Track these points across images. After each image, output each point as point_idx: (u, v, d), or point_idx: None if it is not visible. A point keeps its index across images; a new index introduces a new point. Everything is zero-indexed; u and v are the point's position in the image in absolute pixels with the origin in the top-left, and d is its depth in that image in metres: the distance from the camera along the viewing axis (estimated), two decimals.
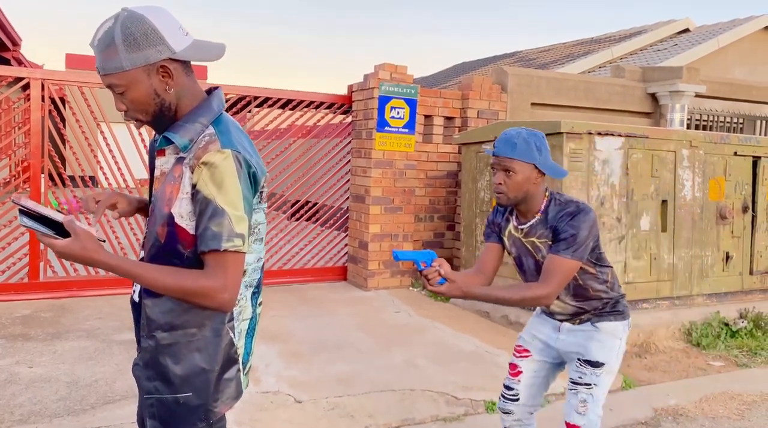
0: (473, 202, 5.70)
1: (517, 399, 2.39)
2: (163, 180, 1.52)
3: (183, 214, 1.46)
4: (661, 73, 7.61)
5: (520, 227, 2.26)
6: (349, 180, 6.59)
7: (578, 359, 2.28)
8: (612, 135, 4.73)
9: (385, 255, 6.25)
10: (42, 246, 5.48)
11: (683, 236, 5.12)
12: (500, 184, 2.16)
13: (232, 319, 1.54)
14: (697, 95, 7.78)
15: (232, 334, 1.55)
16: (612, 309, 2.30)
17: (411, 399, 3.50)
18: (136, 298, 1.57)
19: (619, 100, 7.46)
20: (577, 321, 2.30)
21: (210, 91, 1.59)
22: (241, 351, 1.59)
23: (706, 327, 4.94)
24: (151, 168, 1.62)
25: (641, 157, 4.87)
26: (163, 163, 1.54)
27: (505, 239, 2.33)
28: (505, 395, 2.42)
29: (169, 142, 1.51)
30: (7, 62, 10.81)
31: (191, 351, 1.50)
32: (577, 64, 10.82)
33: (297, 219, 6.75)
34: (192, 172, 1.44)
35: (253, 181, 1.49)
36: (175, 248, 1.48)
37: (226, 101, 6.05)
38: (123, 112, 1.51)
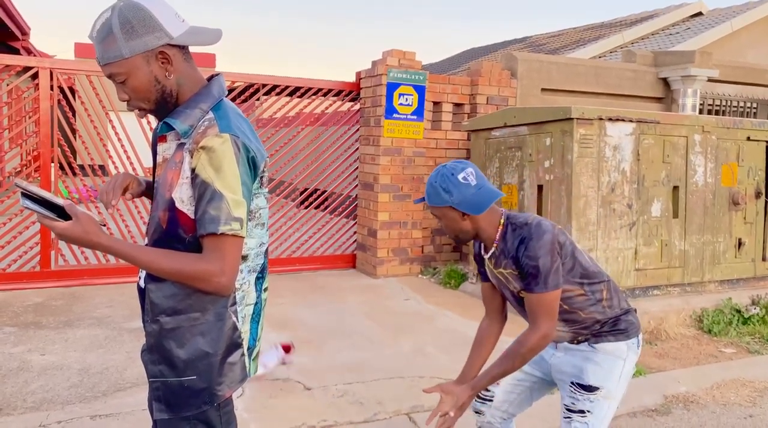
0: None
1: (491, 400, 2.24)
2: (165, 166, 1.53)
3: (183, 199, 1.47)
4: (673, 58, 7.51)
5: (486, 258, 2.11)
6: (357, 167, 6.57)
7: (571, 382, 2.08)
8: (623, 120, 4.68)
9: (394, 242, 6.24)
10: (53, 235, 5.51)
11: (695, 222, 5.08)
12: (442, 228, 2.06)
13: (235, 303, 1.55)
14: (710, 80, 7.68)
15: (235, 319, 1.55)
16: (612, 328, 2.07)
17: (420, 387, 3.50)
18: (142, 284, 1.58)
19: (630, 85, 7.38)
20: (575, 341, 2.11)
21: (211, 77, 1.60)
22: (246, 336, 1.59)
23: (718, 313, 4.90)
24: (154, 155, 1.63)
25: (652, 142, 4.82)
26: (165, 149, 1.56)
27: (486, 270, 2.16)
28: (480, 394, 2.26)
29: (170, 128, 1.52)
30: (16, 51, 10.83)
31: (194, 336, 1.51)
32: (588, 49, 10.70)
33: (306, 207, 6.75)
34: (191, 157, 1.45)
35: (252, 165, 1.50)
36: (176, 233, 1.49)
37: (234, 89, 6.06)
38: (126, 102, 1.52)
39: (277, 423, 3.04)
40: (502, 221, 2.03)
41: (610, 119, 4.63)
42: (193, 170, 1.44)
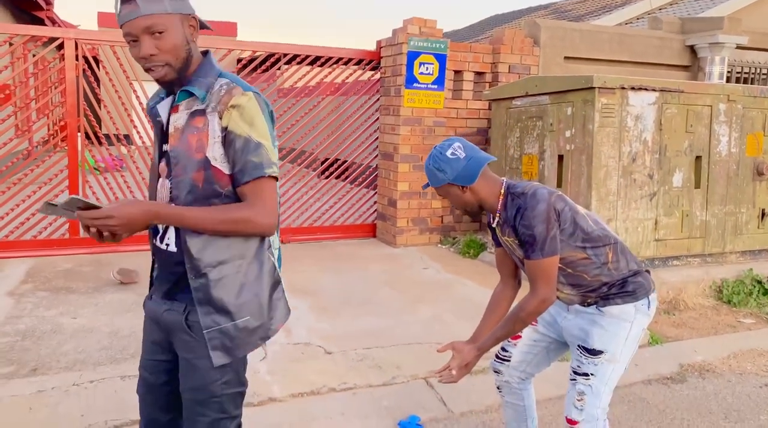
0: (503, 159, 5.66)
1: (509, 361, 2.34)
2: (180, 134, 1.62)
3: (217, 157, 1.59)
4: (700, 24, 7.33)
5: (493, 226, 2.19)
6: (377, 137, 6.59)
7: (578, 345, 2.16)
8: (646, 89, 4.62)
9: (414, 212, 6.28)
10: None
11: (717, 193, 5.03)
12: (449, 206, 2.19)
13: (270, 246, 1.70)
14: (739, 47, 7.49)
15: (273, 259, 1.71)
16: (620, 290, 2.12)
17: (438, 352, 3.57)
18: (173, 249, 1.65)
19: (656, 53, 7.23)
20: (585, 304, 2.18)
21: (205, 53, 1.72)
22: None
23: (738, 284, 4.89)
24: (161, 127, 1.69)
25: (676, 111, 4.76)
26: (177, 119, 1.64)
27: (497, 236, 2.25)
28: (498, 354, 2.38)
29: (188, 94, 1.61)
30: (40, 21, 10.93)
31: (242, 280, 1.64)
32: (614, 15, 10.47)
33: (326, 177, 6.81)
34: (220, 118, 1.57)
35: (272, 119, 1.66)
36: (213, 189, 1.60)
37: (256, 58, 6.09)
38: (150, 57, 1.54)
39: (299, 385, 3.14)
40: (502, 191, 2.12)
41: (632, 88, 4.58)
42: (224, 128, 1.56)
